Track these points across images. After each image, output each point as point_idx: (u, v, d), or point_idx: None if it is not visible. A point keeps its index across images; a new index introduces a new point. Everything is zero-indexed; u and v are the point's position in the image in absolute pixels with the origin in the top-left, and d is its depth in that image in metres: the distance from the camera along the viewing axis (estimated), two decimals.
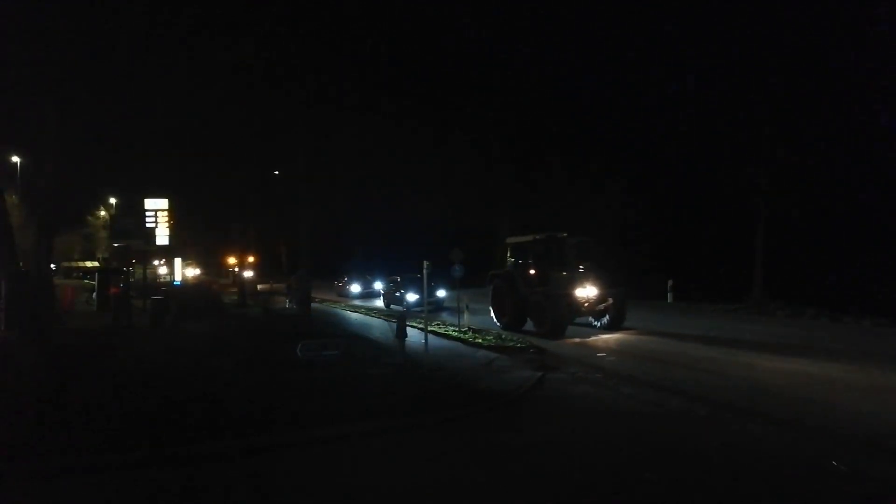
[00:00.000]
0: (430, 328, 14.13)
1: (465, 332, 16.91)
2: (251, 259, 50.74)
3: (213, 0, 19.38)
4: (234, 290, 36.21)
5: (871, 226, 23.32)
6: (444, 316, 22.30)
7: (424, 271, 12.91)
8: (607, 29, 30.48)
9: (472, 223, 36.36)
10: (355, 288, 34.98)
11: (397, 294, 26.16)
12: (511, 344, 15.02)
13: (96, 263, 58.81)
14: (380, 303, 29.24)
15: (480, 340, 15.55)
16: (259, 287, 38.95)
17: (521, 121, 33.90)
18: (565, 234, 18.44)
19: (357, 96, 26.59)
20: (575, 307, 17.09)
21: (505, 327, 18.30)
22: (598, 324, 17.91)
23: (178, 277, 53.19)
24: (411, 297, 24.29)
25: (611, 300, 17.35)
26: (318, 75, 19.03)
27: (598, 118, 32.49)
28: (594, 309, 17.43)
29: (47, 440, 7.07)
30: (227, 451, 7.17)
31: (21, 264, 16.89)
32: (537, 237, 18.34)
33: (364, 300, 32.05)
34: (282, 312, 25.25)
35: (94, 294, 25.50)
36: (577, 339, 16.27)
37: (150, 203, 36.09)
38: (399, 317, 13.03)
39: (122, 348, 14.45)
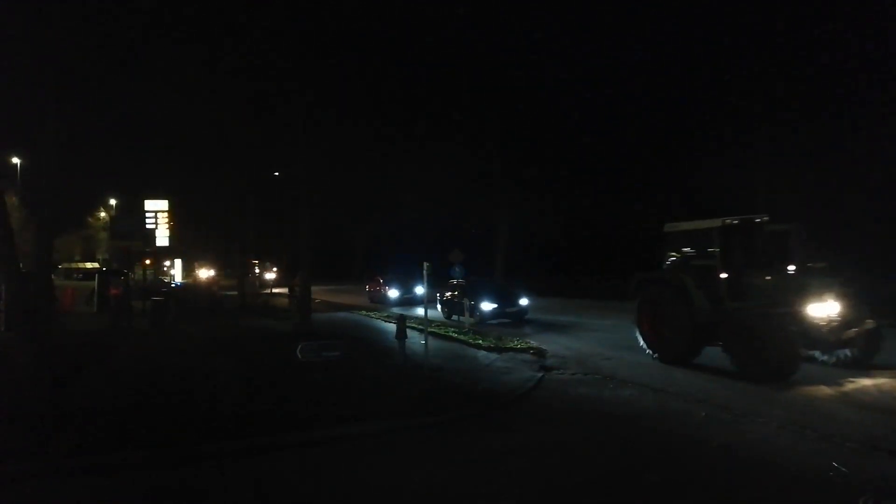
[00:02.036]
0: (430, 329, 14.12)
1: (465, 333, 16.90)
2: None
3: (214, 2, 19.37)
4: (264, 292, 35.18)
5: (871, 224, 23.30)
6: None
7: (424, 272, 12.87)
8: (605, 26, 30.55)
9: (472, 225, 36.35)
10: (393, 293, 30.01)
11: (464, 301, 20.97)
12: (511, 345, 15.01)
13: (96, 265, 58.83)
14: (421, 311, 24.21)
15: (480, 341, 15.54)
16: (261, 290, 38.79)
17: (521, 120, 33.92)
18: (766, 217, 11.96)
19: (356, 96, 26.62)
20: (812, 334, 10.79)
21: (666, 358, 12.59)
22: (828, 357, 11.32)
23: (178, 278, 53.17)
24: (486, 305, 19.82)
25: (870, 322, 11.01)
26: (317, 76, 19.04)
27: (597, 118, 32.54)
28: (841, 338, 10.89)
29: (47, 440, 7.07)
30: (227, 451, 7.18)
31: (21, 265, 16.88)
32: (727, 221, 11.83)
33: (404, 307, 26.21)
34: (280, 318, 23.39)
35: (95, 295, 25.46)
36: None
37: (150, 204, 36.14)
38: (398, 317, 13.00)
39: (122, 349, 14.46)
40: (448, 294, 22.62)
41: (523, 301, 20.43)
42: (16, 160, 38.37)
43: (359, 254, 55.35)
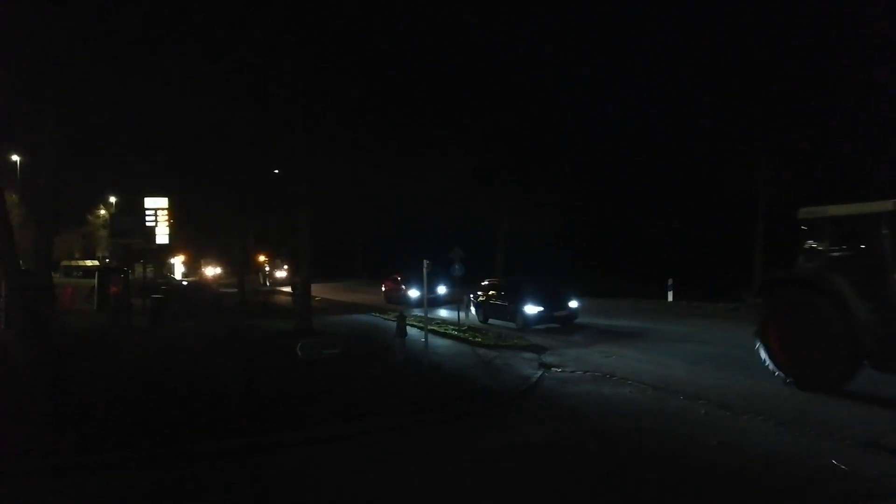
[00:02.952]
0: (429, 327, 14.13)
1: (464, 331, 16.91)
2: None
3: (213, 2, 19.34)
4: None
5: None
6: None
7: (424, 270, 12.88)
8: (605, 23, 30.50)
9: (473, 222, 36.29)
10: (414, 293, 27.03)
11: (504, 305, 19.04)
12: (510, 343, 15.03)
13: (96, 262, 58.83)
14: (444, 312, 22.15)
15: (480, 339, 15.55)
16: (261, 288, 38.72)
17: (522, 120, 33.88)
18: None
19: (358, 94, 26.61)
20: None
21: (808, 383, 9.61)
22: None
23: (178, 276, 53.04)
24: (531, 308, 17.58)
25: None
26: (318, 74, 19.02)
27: (596, 116, 32.54)
28: None
29: (47, 440, 7.08)
30: (227, 450, 7.19)
31: (21, 263, 16.90)
32: None
33: (426, 309, 22.30)
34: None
35: (95, 293, 25.47)
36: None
37: (149, 202, 36.10)
38: (398, 315, 13.01)
39: (122, 347, 14.46)
40: (482, 295, 20.25)
41: (573, 303, 18.01)
42: (16, 158, 38.37)
43: (359, 252, 55.33)
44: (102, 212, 64.79)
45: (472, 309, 20.50)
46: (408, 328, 13.02)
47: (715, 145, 25.52)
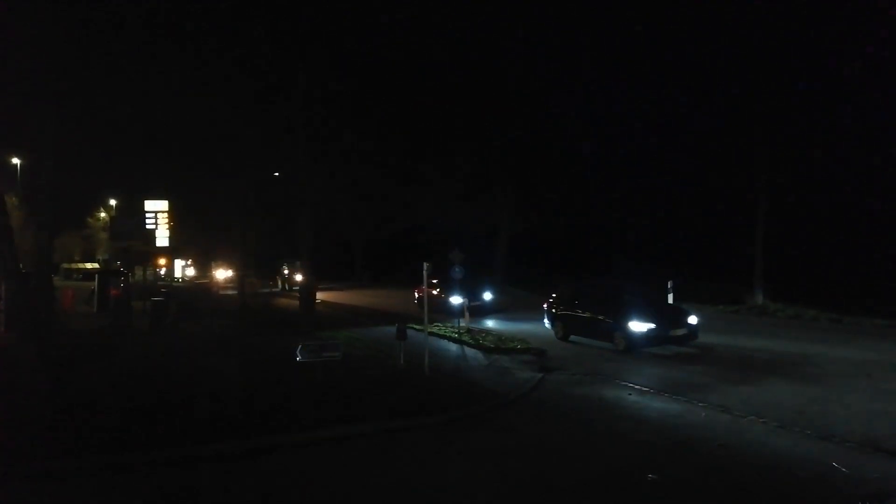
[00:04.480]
0: (429, 329, 14.09)
1: (466, 334, 16.87)
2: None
3: (213, 2, 19.39)
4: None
5: (874, 221, 23.19)
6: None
7: (424, 273, 12.82)
8: (606, 24, 30.47)
9: (473, 224, 36.27)
10: (456, 300, 20.83)
11: (596, 319, 15.04)
12: (511, 345, 14.99)
13: (96, 265, 58.90)
14: (490, 323, 19.56)
15: (481, 342, 15.51)
16: (260, 289, 38.62)
17: (522, 123, 33.90)
18: None
19: (359, 97, 26.62)
20: None
21: None
22: None
23: (177, 277, 52.78)
24: (637, 326, 13.68)
25: None
26: (316, 76, 19.04)
27: (596, 118, 32.48)
28: None
29: (47, 441, 7.08)
30: (228, 451, 7.18)
31: (21, 265, 16.90)
32: None
33: (472, 319, 19.76)
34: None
35: (95, 295, 25.45)
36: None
37: (149, 204, 36.09)
38: (399, 319, 12.98)
39: (122, 349, 14.45)
40: (560, 305, 16.61)
41: (692, 319, 14.31)
42: (16, 160, 38.43)
43: (358, 255, 55.32)
44: (102, 214, 64.87)
45: (546, 321, 17.20)
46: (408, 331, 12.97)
47: (715, 147, 25.54)
